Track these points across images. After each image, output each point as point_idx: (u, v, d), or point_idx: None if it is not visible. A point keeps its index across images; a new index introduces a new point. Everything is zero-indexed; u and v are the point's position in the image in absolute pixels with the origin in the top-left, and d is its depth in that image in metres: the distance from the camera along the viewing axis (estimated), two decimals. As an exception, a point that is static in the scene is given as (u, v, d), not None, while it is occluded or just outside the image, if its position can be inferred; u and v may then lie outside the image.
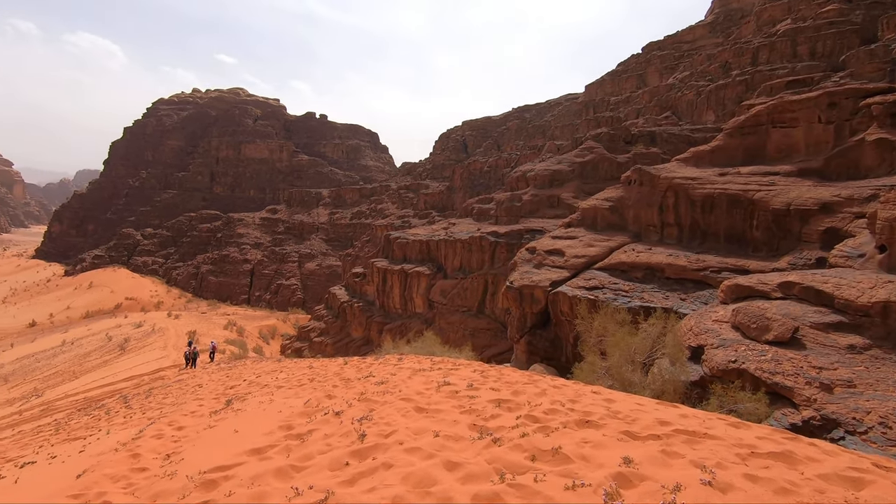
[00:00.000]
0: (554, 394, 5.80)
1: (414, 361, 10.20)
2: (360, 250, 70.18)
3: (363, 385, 7.67)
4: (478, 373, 7.75)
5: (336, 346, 47.55)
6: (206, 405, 8.74)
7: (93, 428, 9.21)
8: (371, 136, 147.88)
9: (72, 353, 42.71)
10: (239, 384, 11.07)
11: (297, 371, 11.63)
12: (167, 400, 10.81)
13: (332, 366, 11.44)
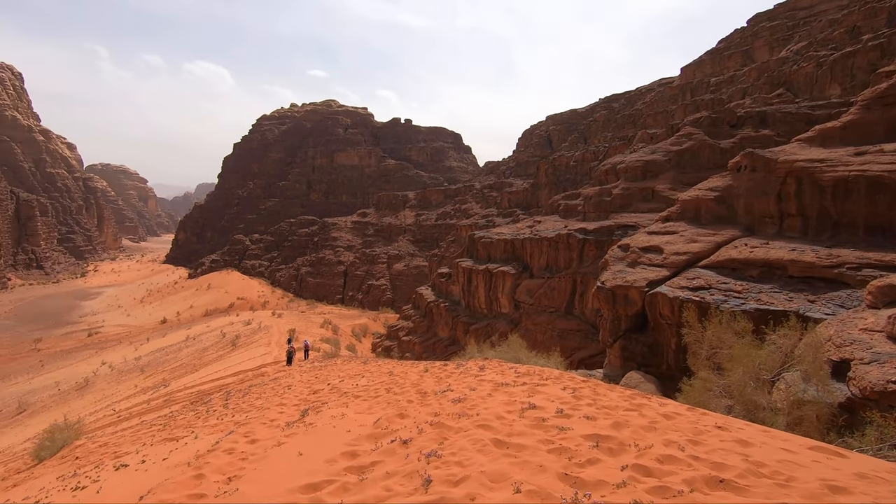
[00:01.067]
0: (666, 427, 4.76)
1: (497, 372, 9.49)
2: (446, 250, 70.72)
3: (439, 403, 7.18)
4: (569, 391, 6.89)
5: (423, 345, 48.15)
6: (285, 413, 8.81)
7: (189, 428, 9.71)
8: (454, 138, 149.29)
9: (193, 348, 47.44)
10: (322, 388, 11.19)
11: (378, 377, 11.56)
12: (258, 402, 11.18)
13: (412, 373, 11.17)
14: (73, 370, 49.71)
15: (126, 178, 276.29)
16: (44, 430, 14.28)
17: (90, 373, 45.82)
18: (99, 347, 62.44)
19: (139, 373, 41.36)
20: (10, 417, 36.94)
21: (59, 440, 12.38)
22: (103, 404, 29.54)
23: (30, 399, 40.75)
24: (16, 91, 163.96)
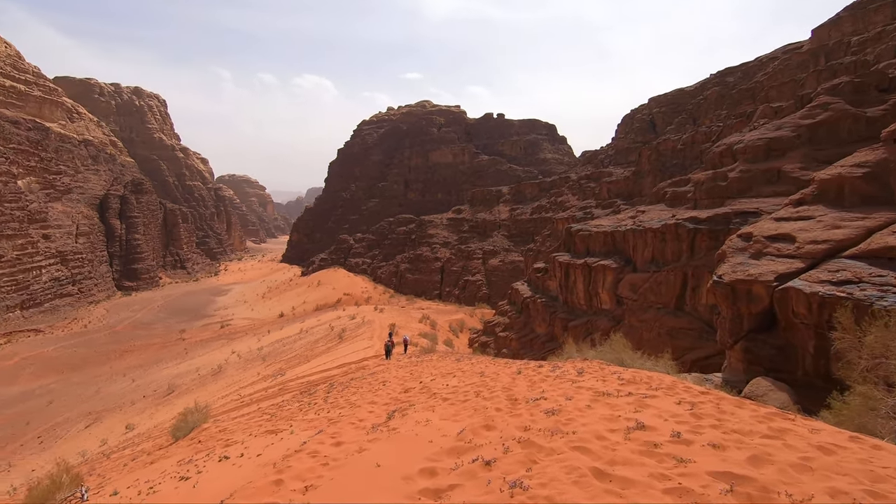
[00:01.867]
0: (827, 467, 3.62)
1: (597, 377, 8.61)
2: (542, 245, 68.80)
3: (530, 413, 6.58)
4: (685, 407, 5.83)
5: (520, 341, 47.26)
6: (374, 413, 8.80)
7: (290, 421, 10.22)
8: (548, 129, 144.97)
9: (306, 340, 51.30)
10: (413, 387, 11.16)
11: (468, 378, 11.22)
12: (353, 397, 11.47)
13: (504, 375, 10.63)
14: (210, 358, 56.34)
15: (248, 187, 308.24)
16: (179, 412, 16.07)
17: (222, 360, 51.60)
18: (229, 338, 70.18)
19: (261, 361, 45.65)
20: (163, 397, 42.85)
21: (190, 422, 13.91)
22: (232, 389, 33.01)
23: (177, 382, 46.94)
24: (161, 116, 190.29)
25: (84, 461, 21.56)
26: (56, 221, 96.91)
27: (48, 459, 31.20)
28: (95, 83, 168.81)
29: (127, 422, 34.99)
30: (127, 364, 61.37)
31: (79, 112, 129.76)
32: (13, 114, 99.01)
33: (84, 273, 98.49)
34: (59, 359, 63.77)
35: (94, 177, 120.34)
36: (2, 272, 78.73)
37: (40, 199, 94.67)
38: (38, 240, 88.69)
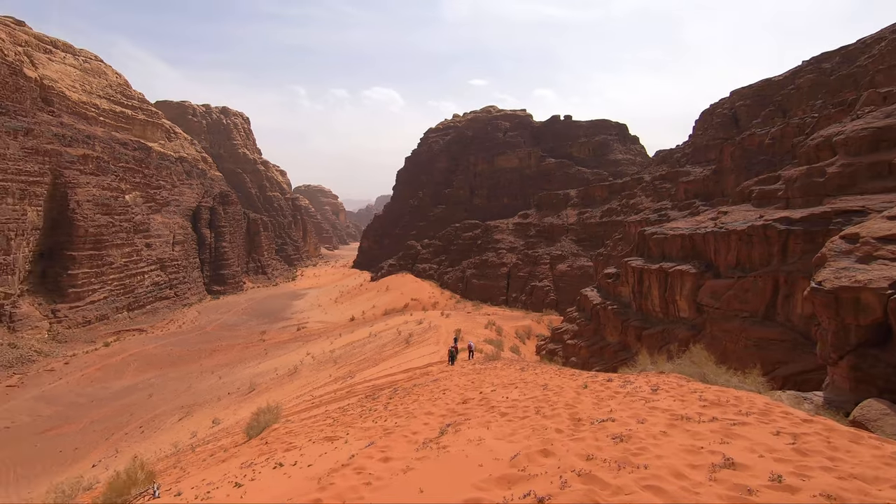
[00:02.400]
0: None
1: (675, 395, 7.78)
2: (612, 249, 65.92)
3: (594, 438, 6.00)
4: (785, 438, 4.90)
5: (590, 349, 45.41)
6: (429, 425, 8.59)
7: (349, 427, 10.29)
8: (619, 129, 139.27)
9: (375, 344, 52.61)
10: (472, 398, 10.85)
11: (530, 390, 10.70)
12: (413, 405, 11.37)
13: (568, 389, 10.02)
14: (287, 359, 59.44)
15: (322, 196, 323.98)
16: (252, 412, 16.89)
17: (298, 361, 54.22)
18: (305, 340, 73.73)
19: (333, 364, 47.39)
20: (245, 394, 45.72)
21: (262, 422, 14.58)
22: (305, 389, 34.50)
23: (257, 380, 49.94)
24: (245, 132, 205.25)
25: (175, 452, 23.32)
26: (156, 231, 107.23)
27: (148, 447, 34.28)
28: (189, 105, 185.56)
29: (214, 416, 37.64)
30: (215, 362, 66.27)
31: (175, 132, 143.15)
32: (122, 136, 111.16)
33: (180, 278, 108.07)
34: (158, 356, 70.21)
35: (188, 190, 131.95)
36: (113, 277, 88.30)
37: (143, 212, 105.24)
38: (142, 248, 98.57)
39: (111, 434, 42.27)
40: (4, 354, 64.18)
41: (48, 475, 35.34)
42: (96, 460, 35.52)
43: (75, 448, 39.96)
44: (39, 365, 63.93)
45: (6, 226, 73.27)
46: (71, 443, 41.31)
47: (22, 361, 64.16)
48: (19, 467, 37.59)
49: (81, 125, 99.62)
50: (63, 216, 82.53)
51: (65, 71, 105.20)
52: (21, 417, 48.21)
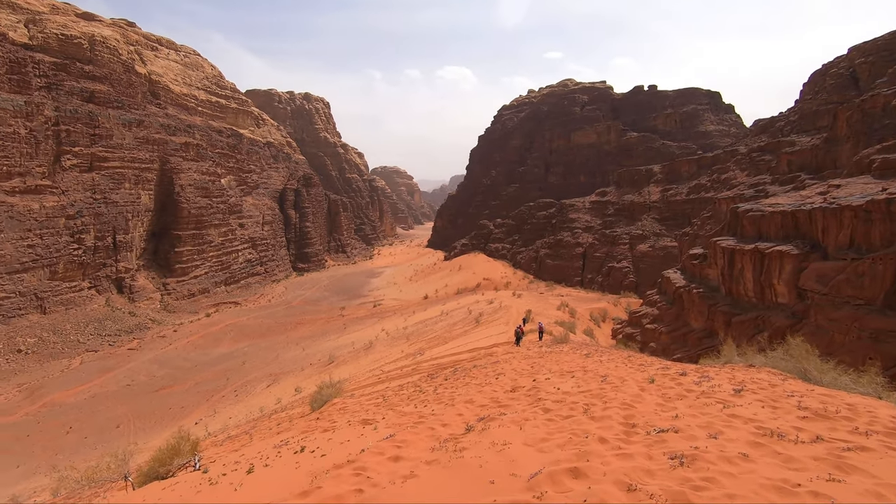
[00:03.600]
0: None
1: (765, 400, 6.42)
2: (699, 228, 61.06)
3: (647, 455, 4.92)
4: None
5: (671, 335, 42.73)
6: (463, 416, 8.20)
7: (390, 410, 10.17)
8: (710, 98, 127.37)
9: (446, 323, 53.40)
10: (523, 386, 10.23)
11: (587, 381, 9.80)
12: (461, 389, 11.08)
13: (631, 383, 9.12)
14: (363, 334, 62.17)
15: (398, 177, 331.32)
16: (317, 385, 17.65)
17: (373, 337, 56.50)
18: (380, 316, 76.60)
19: (405, 340, 48.79)
20: (325, 366, 48.54)
21: (324, 396, 15.17)
22: (378, 364, 35.87)
23: (336, 353, 52.79)
24: (326, 117, 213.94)
25: (259, 416, 25.23)
26: (248, 213, 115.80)
27: (240, 410, 37.65)
28: (275, 92, 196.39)
29: (297, 385, 40.39)
30: (299, 334, 70.95)
31: (263, 119, 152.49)
32: (217, 124, 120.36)
33: (268, 256, 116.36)
34: (251, 327, 76.47)
35: (275, 173, 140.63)
36: (212, 255, 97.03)
37: (236, 194, 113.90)
38: (236, 228, 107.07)
39: (210, 396, 46.95)
40: (126, 321, 73.24)
41: (160, 428, 40.07)
42: (198, 418, 39.69)
43: (181, 406, 44.93)
44: (153, 331, 72.21)
45: (125, 208, 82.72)
46: (178, 401, 46.48)
47: (139, 328, 72.87)
48: (139, 420, 42.99)
49: (183, 115, 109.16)
50: (169, 199, 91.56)
51: (168, 66, 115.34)
52: (139, 377, 54.94)
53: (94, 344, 65.35)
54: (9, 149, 66.71)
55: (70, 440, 39.75)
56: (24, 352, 59.28)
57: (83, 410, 45.82)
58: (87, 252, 74.03)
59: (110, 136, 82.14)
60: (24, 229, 66.08)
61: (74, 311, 69.65)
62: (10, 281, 63.54)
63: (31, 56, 76.15)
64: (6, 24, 77.48)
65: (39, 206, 68.79)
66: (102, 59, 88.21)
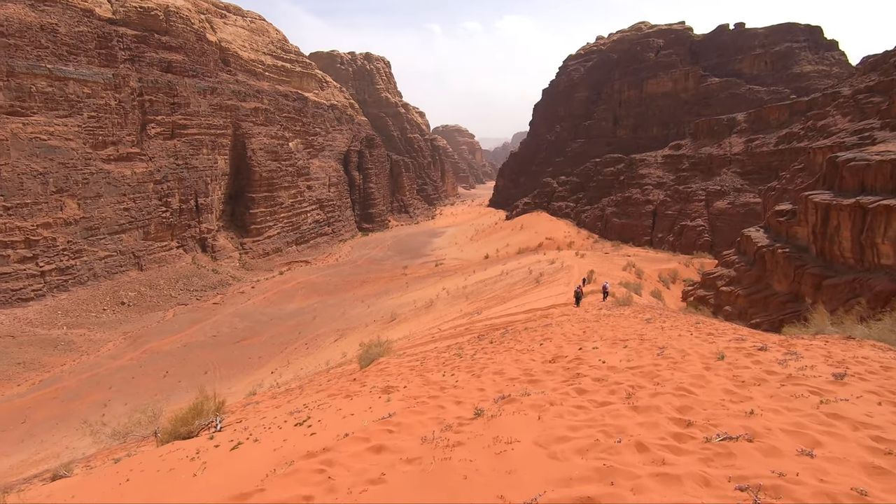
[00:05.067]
0: None
1: (881, 392, 4.91)
2: (789, 183, 55.27)
3: (701, 480, 3.46)
4: None
5: (749, 298, 39.78)
6: (484, 392, 7.19)
7: (418, 377, 9.66)
8: (809, 34, 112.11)
9: (505, 282, 53.13)
10: (566, 355, 9.09)
11: (641, 354, 8.34)
12: (499, 356, 10.35)
13: (695, 358, 7.54)
14: (424, 292, 63.46)
15: (459, 136, 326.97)
16: (361, 344, 18.01)
17: (434, 295, 57.52)
18: (441, 275, 77.68)
19: (465, 299, 49.22)
20: (388, 322, 50.31)
21: (372, 354, 15.40)
22: (436, 323, 36.54)
23: (398, 311, 54.44)
24: (386, 76, 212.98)
25: (326, 369, 26.61)
26: (315, 175, 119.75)
27: (310, 362, 40.15)
28: (337, 54, 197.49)
29: (361, 340, 42.28)
30: (364, 292, 73.77)
31: (326, 81, 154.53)
32: (283, 88, 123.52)
33: (335, 217, 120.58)
34: (320, 284, 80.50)
35: (339, 136, 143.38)
36: (283, 216, 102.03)
37: (304, 157, 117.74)
38: (304, 190, 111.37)
39: (284, 348, 50.43)
40: (210, 278, 79.58)
41: (242, 376, 43.77)
42: (273, 368, 42.93)
43: (259, 356, 48.70)
44: (234, 288, 78.02)
45: (203, 172, 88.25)
46: (256, 352, 50.39)
47: (222, 284, 78.99)
48: (223, 368, 47.19)
49: (252, 81, 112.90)
50: (242, 163, 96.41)
51: (237, 32, 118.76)
52: (223, 329, 59.94)
53: (184, 298, 71.83)
54: (103, 119, 72.59)
55: (167, 383, 44.55)
56: (126, 304, 66.42)
57: (177, 357, 50.96)
58: (173, 214, 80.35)
59: (188, 105, 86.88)
60: (120, 194, 72.59)
61: (166, 268, 76.58)
62: (111, 241, 70.65)
63: (115, 30, 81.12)
64: (92, 1, 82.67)
65: (131, 172, 74.98)
66: (177, 29, 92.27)
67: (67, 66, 70.13)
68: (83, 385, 45.58)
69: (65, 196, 65.41)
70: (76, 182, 66.89)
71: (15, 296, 58.72)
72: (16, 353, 50.98)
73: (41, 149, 64.22)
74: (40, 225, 62.40)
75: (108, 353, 53.50)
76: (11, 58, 64.08)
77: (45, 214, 63.21)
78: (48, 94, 66.71)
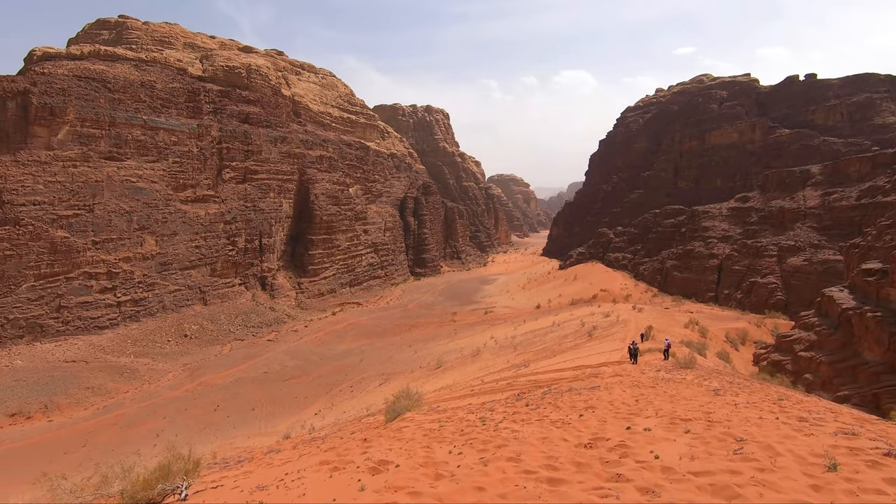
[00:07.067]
0: None
1: None
2: (875, 239, 50.41)
3: None
4: None
5: (834, 366, 35.64)
6: (484, 494, 5.74)
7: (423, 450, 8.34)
8: (891, 84, 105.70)
9: (556, 334, 51.07)
10: (611, 437, 7.47)
11: (710, 450, 6.37)
12: (525, 429, 8.65)
13: (790, 461, 5.63)
14: (472, 340, 62.18)
15: (514, 185, 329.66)
16: (392, 395, 17.02)
17: (481, 344, 56.13)
18: (490, 323, 76.15)
19: (512, 350, 47.57)
20: (433, 370, 49.32)
21: (398, 408, 14.13)
22: (481, 373, 35.27)
23: (444, 358, 53.39)
24: (445, 127, 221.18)
25: (358, 417, 26.01)
26: (372, 219, 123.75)
27: (353, 405, 39.71)
28: (399, 107, 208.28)
29: (403, 386, 41.55)
30: (413, 337, 73.42)
31: (388, 132, 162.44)
32: (348, 138, 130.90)
33: (389, 260, 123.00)
34: (369, 327, 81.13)
35: (397, 182, 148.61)
36: (339, 258, 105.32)
37: (362, 202, 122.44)
38: (361, 234, 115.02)
39: (330, 389, 50.46)
40: (267, 315, 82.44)
41: (287, 414, 43.95)
42: (317, 409, 42.84)
43: (305, 396, 48.92)
44: (288, 326, 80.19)
45: (269, 215, 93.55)
46: (303, 391, 50.72)
47: (277, 322, 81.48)
48: (270, 405, 47.70)
49: (319, 131, 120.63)
50: (305, 206, 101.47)
51: (309, 87, 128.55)
52: (274, 366, 61.17)
53: (241, 333, 74.54)
54: (185, 165, 79.47)
55: (216, 417, 45.48)
56: (189, 336, 69.74)
57: (228, 391, 52.23)
58: (239, 253, 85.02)
59: (260, 152, 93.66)
60: (193, 232, 78.01)
61: (227, 304, 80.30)
62: (181, 276, 75.40)
63: (202, 86, 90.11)
64: (186, 61, 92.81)
65: (205, 213, 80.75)
66: (256, 84, 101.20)
67: (160, 117, 78.14)
68: (141, 413, 47.44)
69: (145, 233, 71.10)
70: (156, 220, 72.73)
71: (93, 323, 63.30)
72: (87, 377, 54.27)
73: (130, 190, 70.84)
74: (122, 259, 67.83)
75: (167, 383, 55.77)
76: (115, 110, 72.36)
77: (127, 249, 68.76)
78: (141, 141, 74.26)
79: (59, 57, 75.05)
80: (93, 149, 68.23)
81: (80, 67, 72.70)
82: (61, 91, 67.00)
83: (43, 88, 65.50)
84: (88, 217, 65.25)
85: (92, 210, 65.62)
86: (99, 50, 78.86)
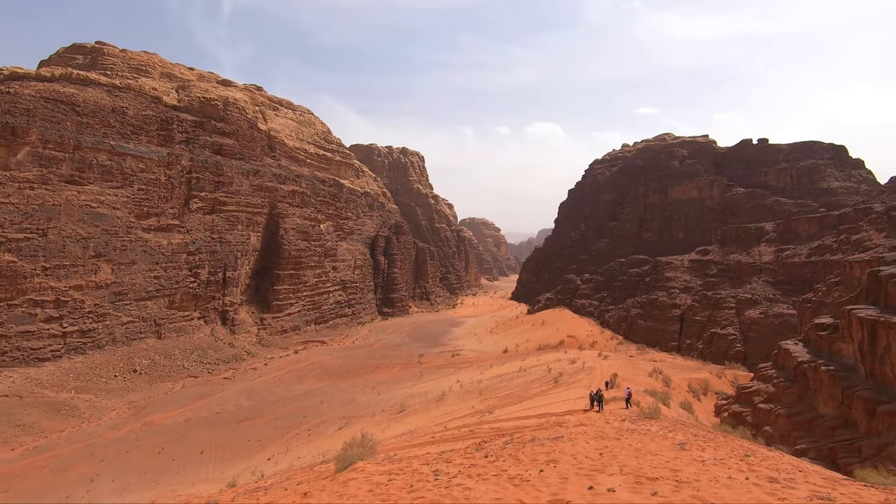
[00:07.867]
0: None
1: None
2: (826, 295, 52.97)
3: None
4: None
5: (792, 420, 36.26)
6: None
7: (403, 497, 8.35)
8: (833, 152, 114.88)
9: (523, 380, 50.49)
10: (572, 498, 7.06)
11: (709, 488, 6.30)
12: (478, 487, 8.19)
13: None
14: (438, 384, 60.75)
15: (485, 228, 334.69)
16: (345, 442, 16.19)
17: (447, 388, 54.84)
18: (457, 367, 74.83)
19: (478, 395, 46.62)
20: (395, 413, 47.65)
21: (351, 456, 13.34)
22: (445, 418, 34.22)
23: (408, 402, 51.78)
24: (420, 169, 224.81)
25: (310, 465, 24.65)
26: (342, 256, 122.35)
27: (309, 451, 37.64)
28: (375, 147, 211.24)
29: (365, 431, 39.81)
30: (377, 378, 71.23)
31: (363, 170, 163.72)
32: (322, 175, 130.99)
33: (357, 299, 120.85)
34: (333, 367, 78.42)
35: (369, 221, 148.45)
36: (305, 294, 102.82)
37: (333, 239, 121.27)
38: (329, 270, 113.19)
39: (286, 432, 47.85)
40: (225, 351, 78.78)
41: (237, 460, 41.21)
42: (271, 454, 40.35)
43: (259, 440, 46.16)
44: (247, 363, 76.71)
45: (236, 247, 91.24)
46: (257, 434, 47.90)
47: (235, 359, 77.88)
48: (219, 449, 44.72)
49: (293, 166, 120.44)
50: (273, 240, 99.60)
51: (285, 123, 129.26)
52: (228, 406, 57.90)
53: (196, 370, 70.69)
54: (151, 192, 77.36)
55: (159, 461, 42.20)
56: (138, 372, 65.61)
57: (176, 433, 48.83)
58: (200, 285, 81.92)
59: (231, 184, 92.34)
60: (153, 262, 75.01)
61: (184, 338, 76.48)
62: (136, 307, 71.74)
63: (176, 115, 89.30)
64: (162, 90, 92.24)
65: (168, 242, 78.06)
66: (232, 117, 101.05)
67: (129, 143, 76.51)
68: (76, 455, 43.60)
69: (101, 261, 67.89)
70: (114, 248, 69.72)
71: (33, 355, 58.91)
72: (19, 414, 49.90)
73: (89, 215, 68.06)
74: (72, 287, 64.20)
75: (108, 422, 51.82)
76: (81, 133, 70.51)
77: (80, 277, 65.26)
78: (106, 167, 72.15)
79: (27, 77, 73.43)
80: (53, 171, 65.78)
81: (49, 89, 71.16)
82: (25, 111, 65.09)
83: (6, 108, 63.52)
84: (40, 241, 62.01)
85: (45, 234, 62.47)
86: (71, 73, 77.65)
